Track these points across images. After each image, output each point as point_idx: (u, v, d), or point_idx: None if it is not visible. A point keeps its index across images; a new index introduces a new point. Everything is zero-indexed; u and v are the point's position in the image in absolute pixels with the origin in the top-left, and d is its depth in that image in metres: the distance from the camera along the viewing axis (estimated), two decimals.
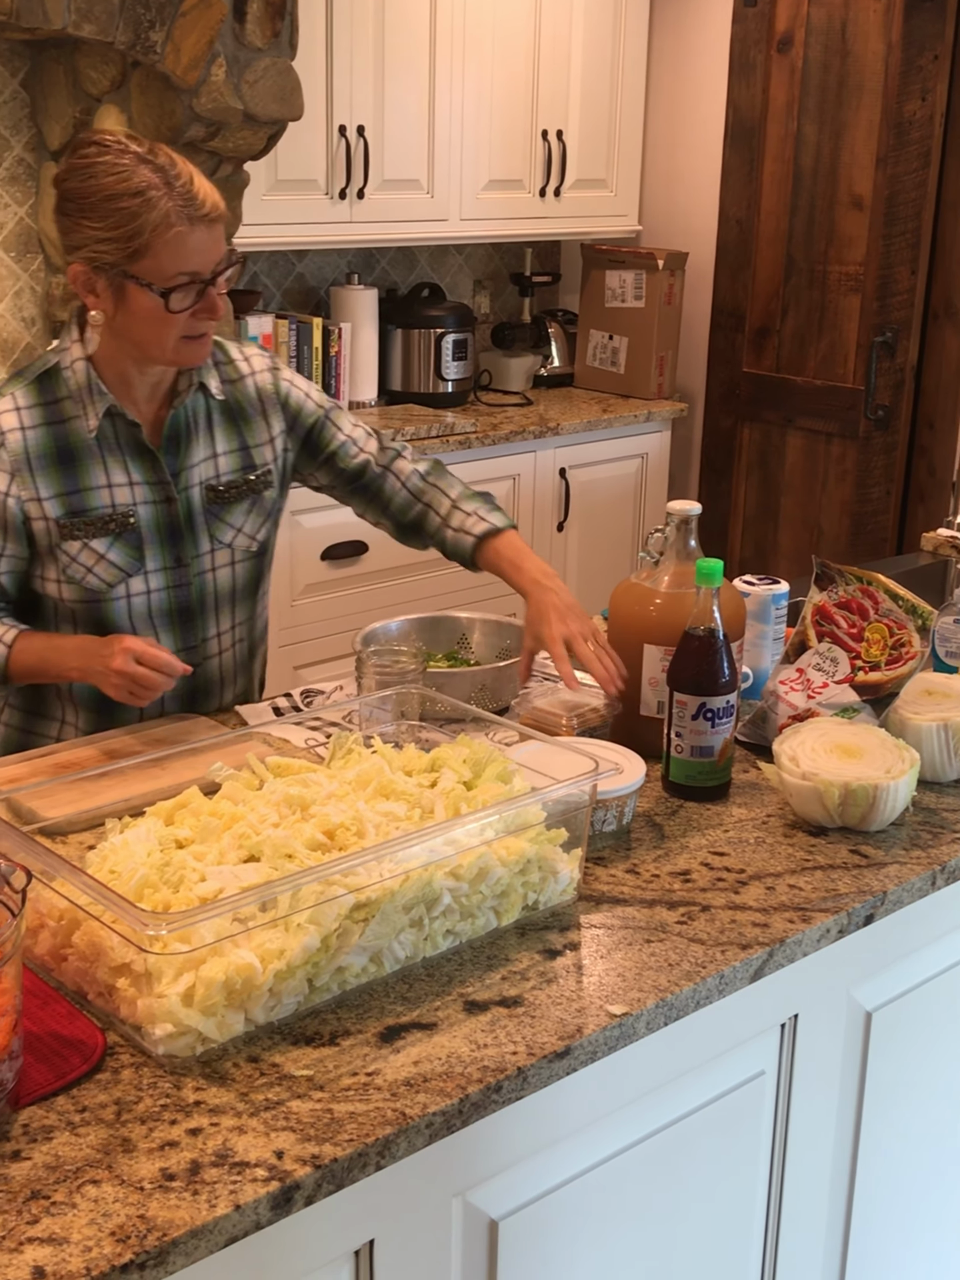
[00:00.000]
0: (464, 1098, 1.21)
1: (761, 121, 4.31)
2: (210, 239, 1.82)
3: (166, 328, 1.84)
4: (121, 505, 1.93)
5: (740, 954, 1.43)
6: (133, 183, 1.78)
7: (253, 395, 2.05)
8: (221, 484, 2.01)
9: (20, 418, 1.89)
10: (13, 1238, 1.04)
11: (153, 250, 1.79)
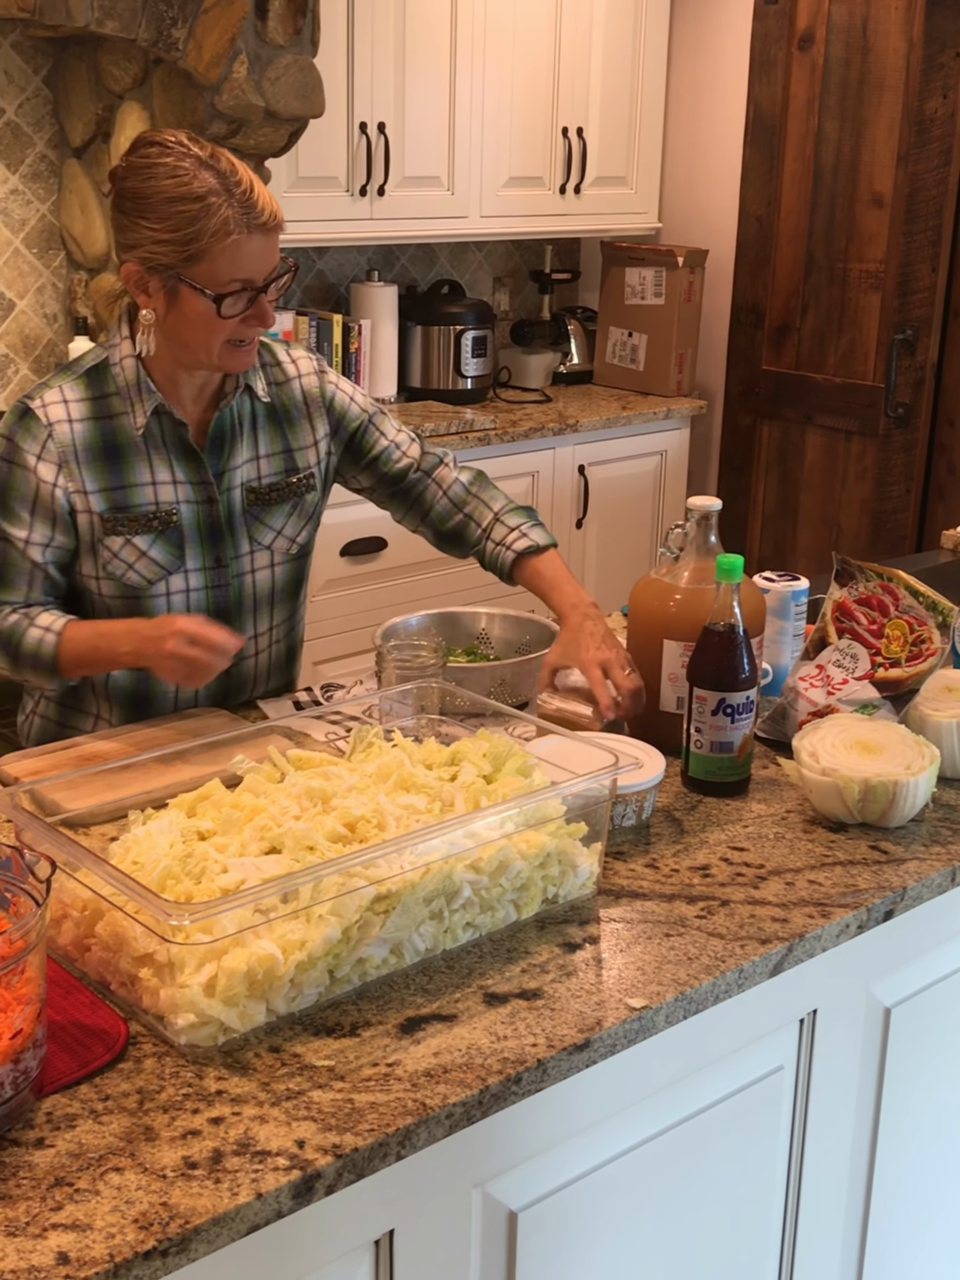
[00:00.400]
0: (484, 1089, 1.22)
1: (782, 119, 4.31)
2: (266, 247, 1.82)
3: (215, 333, 1.84)
4: (165, 503, 1.94)
5: (759, 949, 1.44)
6: (193, 187, 1.77)
7: (299, 398, 2.05)
8: (263, 486, 2.01)
9: (68, 410, 1.89)
10: (37, 1224, 1.05)
11: (209, 256, 1.78)
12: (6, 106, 3.51)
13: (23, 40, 3.48)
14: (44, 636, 1.89)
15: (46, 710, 2.07)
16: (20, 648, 1.89)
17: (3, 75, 3.48)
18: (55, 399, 1.89)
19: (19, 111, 3.52)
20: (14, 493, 1.89)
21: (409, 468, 2.13)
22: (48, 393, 1.90)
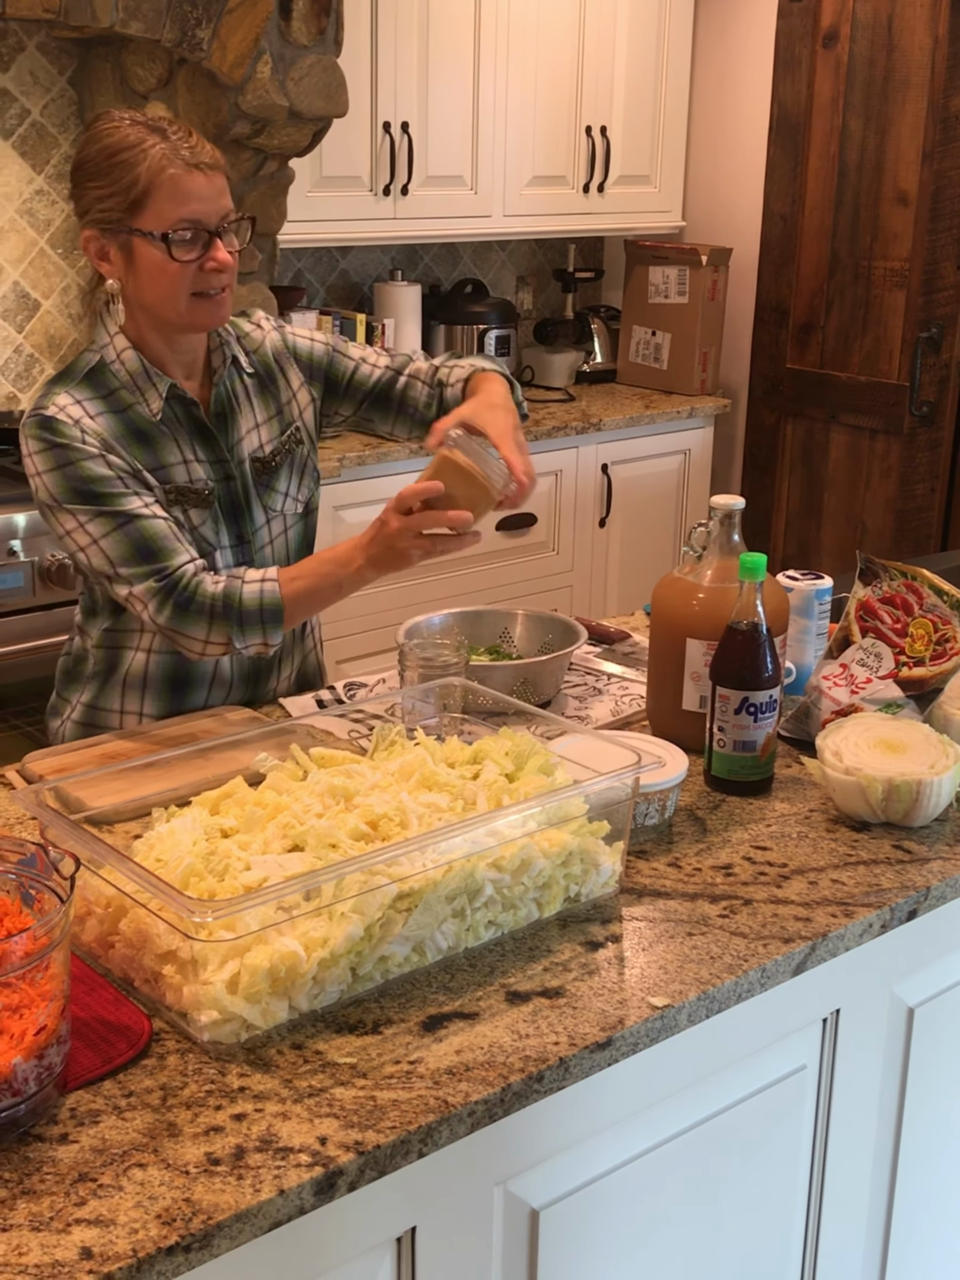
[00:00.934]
0: (506, 1087, 1.22)
1: (806, 117, 4.29)
2: (209, 187, 1.85)
3: (176, 284, 1.86)
4: (198, 480, 1.96)
5: (782, 948, 1.43)
6: (129, 138, 1.84)
7: (270, 358, 2.09)
8: (267, 453, 2.04)
9: (84, 408, 1.89)
10: (60, 1219, 1.06)
11: (152, 198, 1.83)
12: (32, 107, 3.52)
13: (48, 41, 3.49)
14: (263, 585, 1.88)
15: (81, 716, 2.07)
16: (244, 606, 1.87)
17: (28, 76, 3.49)
18: (67, 401, 1.89)
19: (44, 112, 3.54)
20: (98, 479, 1.86)
21: (384, 374, 2.14)
22: (57, 398, 1.89)
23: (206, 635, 1.88)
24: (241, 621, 1.87)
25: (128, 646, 2.02)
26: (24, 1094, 1.14)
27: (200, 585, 1.87)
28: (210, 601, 1.87)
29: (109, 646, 2.03)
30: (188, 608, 1.87)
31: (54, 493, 1.87)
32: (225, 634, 1.88)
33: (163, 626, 1.89)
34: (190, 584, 1.87)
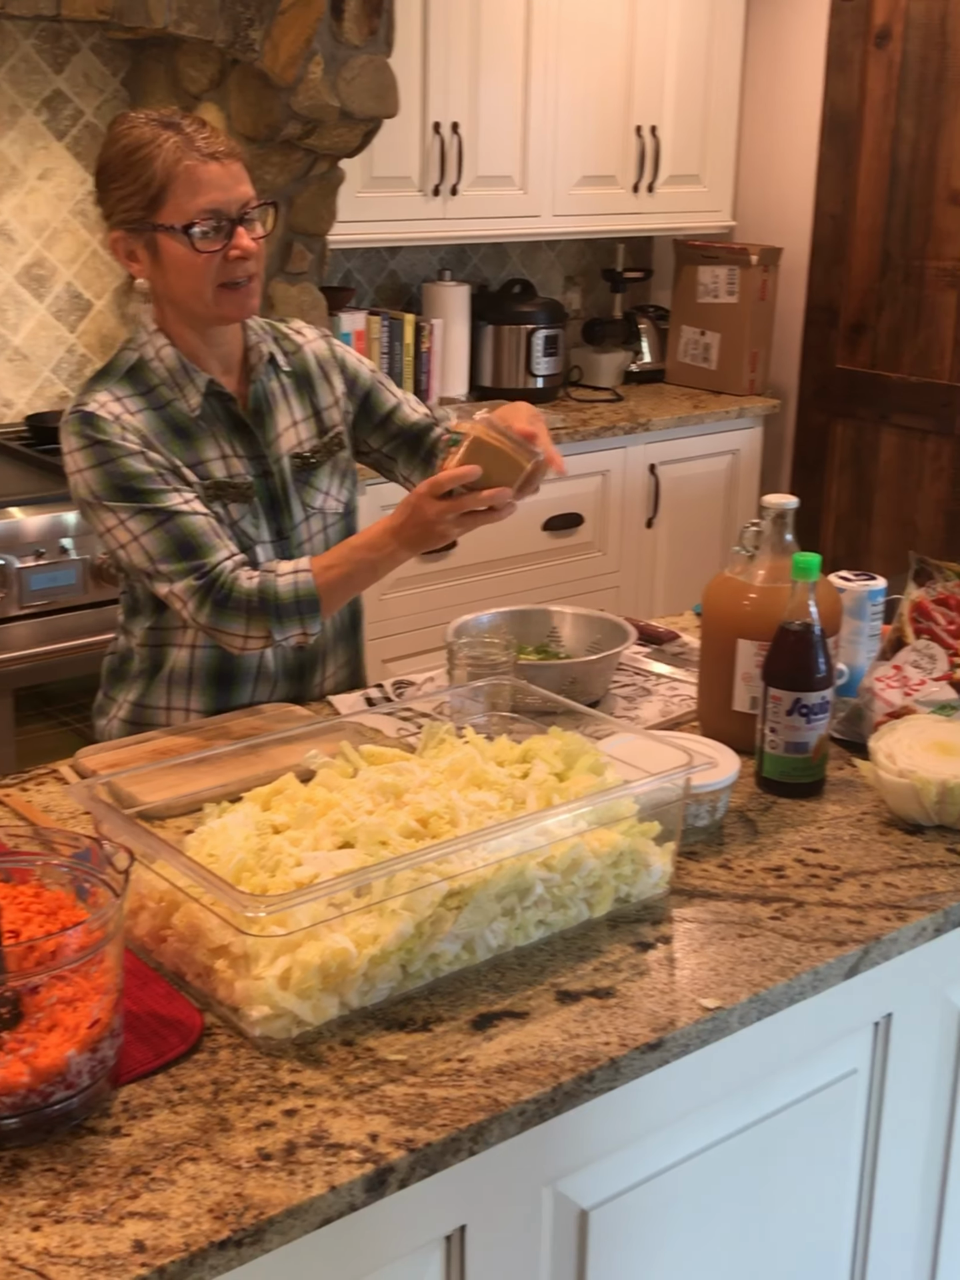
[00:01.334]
0: (557, 1086, 1.22)
1: (858, 116, 4.26)
2: (226, 175, 1.87)
3: (201, 276, 1.87)
4: (237, 475, 1.97)
5: (835, 951, 1.42)
6: (144, 136, 1.87)
7: (312, 363, 2.10)
8: (305, 450, 2.05)
9: (124, 405, 1.91)
10: (114, 1211, 1.06)
11: (170, 191, 1.85)
12: (85, 108, 3.55)
13: (101, 43, 3.51)
14: (296, 577, 1.88)
15: (128, 714, 2.08)
16: (280, 599, 1.87)
17: (82, 78, 3.52)
18: (107, 398, 1.91)
19: (98, 113, 3.56)
20: (139, 475, 1.88)
21: (422, 419, 2.16)
22: (97, 395, 1.91)
23: (246, 630, 1.89)
24: (279, 614, 1.88)
25: (171, 644, 2.03)
26: (77, 1087, 1.14)
27: (236, 582, 1.88)
28: (246, 597, 1.88)
29: (153, 645, 2.04)
30: (225, 605, 1.88)
31: (94, 490, 1.89)
32: (264, 628, 1.89)
33: (203, 625, 1.90)
34: (226, 581, 1.88)
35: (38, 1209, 1.07)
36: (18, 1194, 1.08)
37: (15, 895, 1.23)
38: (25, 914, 1.21)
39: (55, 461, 3.15)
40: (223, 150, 1.87)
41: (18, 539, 2.93)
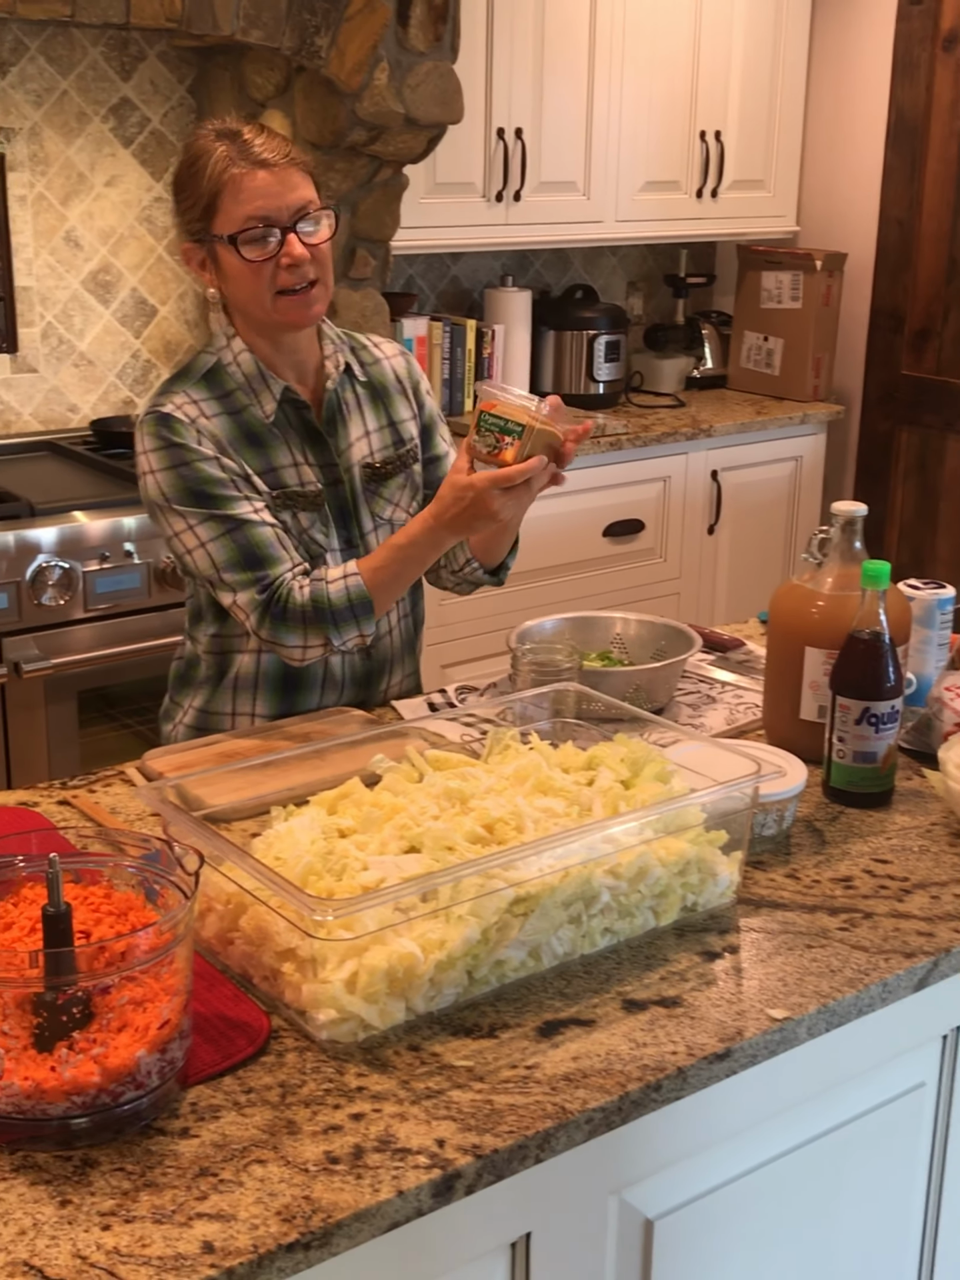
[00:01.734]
0: (624, 1095, 1.21)
1: (925, 120, 4.23)
2: (276, 182, 1.86)
3: (257, 283, 1.88)
4: (309, 483, 1.98)
5: (904, 962, 1.41)
6: (202, 148, 1.89)
7: (391, 377, 2.11)
8: (377, 461, 2.06)
9: (200, 408, 1.93)
10: (183, 1212, 1.07)
11: (220, 201, 1.87)
12: (152, 115, 3.58)
13: (168, 50, 3.54)
14: (347, 583, 1.90)
15: (193, 720, 2.09)
16: (333, 606, 1.89)
17: (149, 85, 3.55)
18: (184, 400, 1.93)
19: (164, 120, 3.59)
20: (212, 481, 1.90)
21: None
22: (175, 397, 1.93)
23: (304, 641, 1.91)
24: (335, 620, 1.90)
25: (236, 650, 2.04)
26: (147, 1087, 1.15)
27: (290, 595, 1.90)
28: (301, 609, 1.89)
29: (217, 651, 2.05)
30: (283, 618, 1.89)
31: (166, 492, 1.90)
32: (322, 635, 1.90)
33: (263, 638, 1.92)
34: (283, 595, 1.90)
35: (108, 1208, 1.07)
36: (88, 1193, 1.09)
37: (86, 896, 1.24)
38: (96, 915, 1.22)
39: (120, 466, 3.19)
40: (274, 156, 1.87)
41: (83, 543, 2.95)
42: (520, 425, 1.77)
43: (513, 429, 1.77)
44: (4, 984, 1.11)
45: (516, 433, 1.77)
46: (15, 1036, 1.11)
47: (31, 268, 3.46)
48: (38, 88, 3.38)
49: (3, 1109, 1.12)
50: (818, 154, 4.53)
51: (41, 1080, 1.11)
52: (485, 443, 1.78)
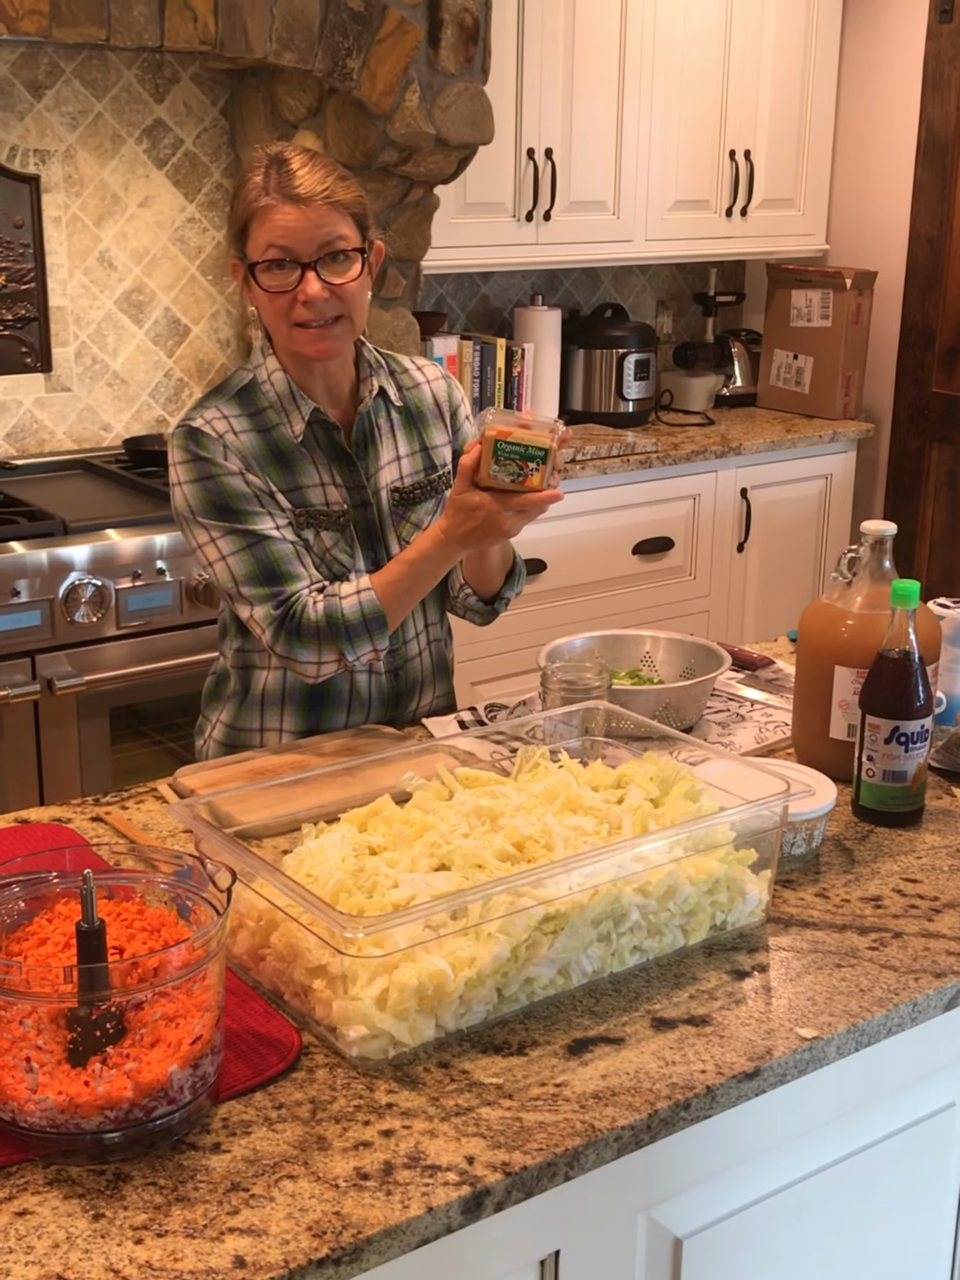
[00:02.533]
0: (653, 1113, 1.21)
1: (955, 138, 4.23)
2: (303, 219, 1.85)
3: (274, 312, 1.90)
4: (334, 503, 1.99)
5: (934, 982, 1.41)
6: (248, 170, 1.90)
7: (430, 400, 2.11)
8: (406, 485, 2.06)
9: (230, 424, 1.95)
10: (214, 1227, 1.08)
11: (250, 228, 1.88)
12: (185, 137, 3.61)
13: (201, 72, 3.58)
14: (360, 599, 1.92)
15: (221, 735, 2.10)
16: (347, 621, 1.91)
17: (182, 107, 3.58)
18: (214, 415, 1.95)
19: (197, 141, 3.63)
20: (236, 496, 1.92)
21: None
22: (206, 412, 1.96)
23: (318, 657, 1.93)
24: (349, 635, 1.91)
25: (258, 666, 2.05)
26: (179, 1102, 1.16)
27: (305, 611, 1.91)
28: (316, 625, 1.91)
29: (241, 666, 2.07)
30: (298, 634, 1.91)
31: (192, 505, 1.93)
32: (335, 650, 1.92)
33: (278, 654, 1.94)
34: (298, 611, 1.91)
35: (140, 1222, 1.08)
36: (120, 1207, 1.10)
37: (119, 912, 1.25)
38: (129, 930, 1.23)
39: (152, 484, 3.21)
40: (306, 192, 1.85)
41: (115, 561, 2.98)
42: (543, 450, 1.77)
43: (535, 454, 1.77)
44: (39, 999, 1.12)
45: (540, 458, 1.77)
46: (49, 1051, 1.12)
47: (66, 288, 3.50)
48: (73, 110, 3.42)
49: (37, 1123, 1.13)
50: (847, 172, 4.54)
51: (75, 1095, 1.12)
52: (507, 471, 1.77)
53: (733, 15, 4.13)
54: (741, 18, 4.15)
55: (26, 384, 3.49)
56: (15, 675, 2.88)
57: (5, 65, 3.30)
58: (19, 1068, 1.13)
